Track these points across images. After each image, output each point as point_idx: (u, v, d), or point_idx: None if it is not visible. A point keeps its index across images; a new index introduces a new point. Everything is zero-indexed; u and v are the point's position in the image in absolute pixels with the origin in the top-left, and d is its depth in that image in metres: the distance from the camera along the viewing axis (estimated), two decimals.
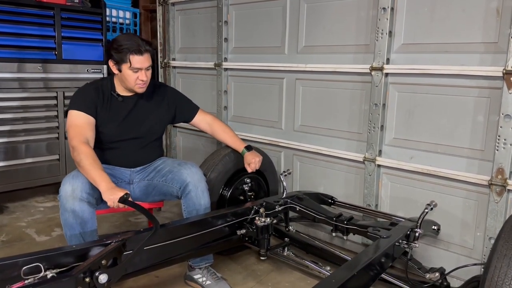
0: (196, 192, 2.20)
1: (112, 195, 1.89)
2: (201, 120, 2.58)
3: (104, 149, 2.29)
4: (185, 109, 2.55)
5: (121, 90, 2.28)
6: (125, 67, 2.15)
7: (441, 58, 2.26)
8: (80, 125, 2.14)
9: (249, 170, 2.48)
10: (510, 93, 2.00)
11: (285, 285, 2.37)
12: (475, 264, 2.14)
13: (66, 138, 3.47)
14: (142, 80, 2.18)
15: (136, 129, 2.31)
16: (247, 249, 2.66)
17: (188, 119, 2.58)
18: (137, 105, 2.32)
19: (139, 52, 2.12)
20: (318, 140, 2.83)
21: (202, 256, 2.26)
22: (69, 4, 3.50)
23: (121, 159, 2.32)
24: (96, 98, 2.22)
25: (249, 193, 2.59)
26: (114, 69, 2.20)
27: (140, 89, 2.23)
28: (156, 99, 2.40)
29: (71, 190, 1.95)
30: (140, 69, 2.16)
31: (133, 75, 2.16)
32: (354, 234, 2.27)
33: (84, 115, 2.17)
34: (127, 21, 4.49)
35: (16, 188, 3.43)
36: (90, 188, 1.99)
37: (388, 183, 2.54)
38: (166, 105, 2.44)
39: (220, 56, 3.30)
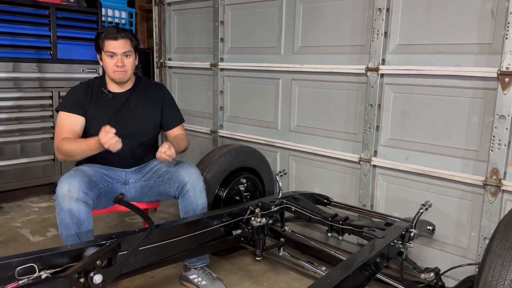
0: (194, 191, 2.20)
1: (104, 137, 1.91)
2: (174, 133, 2.44)
3: None
4: (171, 116, 2.45)
5: (112, 87, 2.30)
6: (103, 54, 2.21)
7: (436, 59, 2.26)
8: (63, 127, 2.19)
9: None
10: (505, 94, 2.01)
11: (281, 285, 2.37)
12: (469, 264, 2.15)
13: None
14: (118, 66, 2.19)
15: (127, 125, 2.26)
16: (242, 249, 2.66)
17: (167, 127, 2.44)
18: (128, 101, 2.31)
19: (114, 37, 2.18)
20: (314, 141, 2.83)
21: (198, 256, 2.25)
22: (65, 3, 3.50)
23: (115, 158, 2.28)
24: (83, 96, 2.24)
25: (245, 194, 2.59)
26: (100, 61, 2.27)
27: (119, 75, 2.23)
28: (149, 96, 2.39)
29: (67, 189, 1.94)
30: (115, 54, 2.18)
31: (110, 61, 2.20)
32: (349, 234, 2.28)
33: (70, 115, 2.20)
34: (123, 21, 4.47)
35: (11, 188, 3.42)
36: (87, 188, 1.98)
37: (384, 184, 2.54)
38: (158, 103, 2.41)
39: (216, 56, 3.30)
